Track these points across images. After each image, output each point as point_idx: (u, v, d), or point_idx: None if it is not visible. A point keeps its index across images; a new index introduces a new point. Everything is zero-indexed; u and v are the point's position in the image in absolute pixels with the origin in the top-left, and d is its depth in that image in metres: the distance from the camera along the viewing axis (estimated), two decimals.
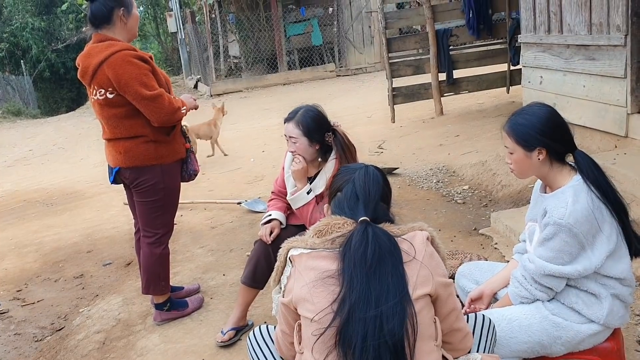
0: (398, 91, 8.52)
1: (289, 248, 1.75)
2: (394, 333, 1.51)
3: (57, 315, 3.91)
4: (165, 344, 3.19)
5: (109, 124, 3.15)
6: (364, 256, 1.58)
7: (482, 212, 4.70)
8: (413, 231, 1.73)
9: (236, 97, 15.06)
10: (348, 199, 1.77)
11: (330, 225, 1.73)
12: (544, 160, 2.14)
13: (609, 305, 2.11)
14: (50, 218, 6.29)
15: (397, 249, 1.63)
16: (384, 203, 1.81)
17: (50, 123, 15.13)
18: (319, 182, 3.01)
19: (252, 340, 2.04)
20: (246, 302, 3.17)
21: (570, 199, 2.05)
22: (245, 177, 6.86)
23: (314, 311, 1.59)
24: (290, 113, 3.01)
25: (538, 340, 2.14)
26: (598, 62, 4.49)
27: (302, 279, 1.65)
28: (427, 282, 1.63)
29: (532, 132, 2.12)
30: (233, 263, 4.16)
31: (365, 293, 1.54)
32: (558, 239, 2.05)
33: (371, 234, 1.62)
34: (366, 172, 1.81)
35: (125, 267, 4.56)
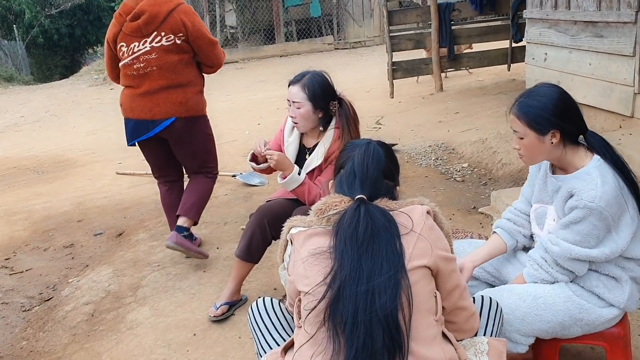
0: (398, 65, 8.37)
1: (291, 227, 1.74)
2: (386, 307, 1.47)
3: (46, 285, 3.82)
4: (156, 317, 3.11)
5: (170, 70, 3.29)
6: (355, 233, 1.57)
7: (482, 191, 4.61)
8: (412, 205, 1.70)
9: (232, 67, 14.82)
10: (347, 177, 1.76)
11: (329, 204, 1.71)
12: (557, 143, 2.04)
13: (630, 289, 2.06)
14: (40, 186, 6.17)
15: (392, 224, 1.60)
16: (387, 180, 1.78)
17: (43, 90, 14.86)
18: (317, 153, 2.91)
19: (254, 312, 1.99)
20: (240, 277, 3.08)
21: (599, 180, 1.95)
22: (241, 149, 6.73)
23: (309, 285, 1.59)
24: (297, 76, 2.89)
25: (560, 321, 2.07)
26: (606, 40, 4.37)
27: (298, 255, 1.65)
28: (425, 254, 1.59)
29: (545, 115, 2.01)
30: (227, 236, 4.07)
31: (356, 269, 1.52)
32: (587, 222, 1.96)
33: (363, 211, 1.61)
34: (367, 148, 1.78)
35: (116, 237, 4.47)
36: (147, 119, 3.31)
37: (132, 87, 3.37)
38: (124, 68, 3.36)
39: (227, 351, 2.74)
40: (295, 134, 3.02)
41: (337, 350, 1.47)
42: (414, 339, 1.49)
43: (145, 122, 3.32)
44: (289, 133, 3.04)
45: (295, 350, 1.58)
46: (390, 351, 1.45)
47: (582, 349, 2.49)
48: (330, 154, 2.88)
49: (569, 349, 2.47)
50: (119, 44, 3.32)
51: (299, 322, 1.63)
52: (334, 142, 2.89)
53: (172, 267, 3.67)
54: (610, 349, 2.16)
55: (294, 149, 3.02)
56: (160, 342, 2.87)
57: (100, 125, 9.42)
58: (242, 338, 2.81)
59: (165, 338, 2.90)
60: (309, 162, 2.95)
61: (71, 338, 3.07)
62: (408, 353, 1.47)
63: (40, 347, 3.07)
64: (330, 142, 2.89)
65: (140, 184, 5.71)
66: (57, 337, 3.10)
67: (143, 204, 5.12)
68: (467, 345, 1.71)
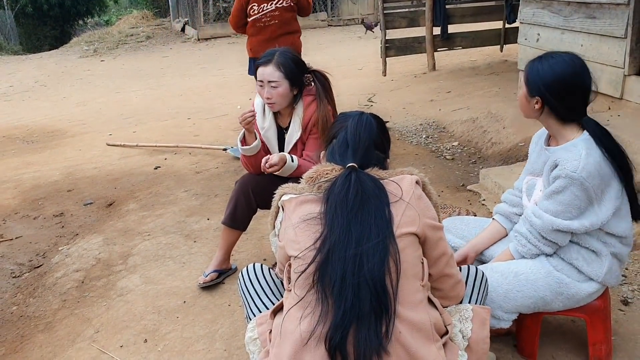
0: (391, 43, 8.36)
1: (282, 194, 1.77)
2: (374, 271, 1.51)
3: (36, 252, 3.84)
4: (146, 284, 3.14)
5: (285, 23, 4.74)
6: (345, 199, 1.60)
7: (471, 169, 4.66)
8: (402, 175, 1.72)
9: (224, 42, 14.73)
10: (339, 146, 1.78)
11: (320, 172, 1.74)
12: (546, 112, 2.08)
13: (609, 264, 2.10)
14: (30, 155, 6.14)
15: (382, 192, 1.63)
16: (379, 151, 1.81)
17: (32, 60, 14.69)
18: (294, 127, 2.89)
19: (244, 277, 2.03)
20: (228, 244, 3.10)
21: (583, 151, 1.99)
22: (232, 123, 6.72)
23: (299, 249, 1.61)
24: (265, 56, 2.81)
25: (542, 296, 2.12)
26: (598, 21, 4.39)
27: (289, 221, 1.67)
28: (413, 222, 1.63)
29: (537, 80, 2.06)
30: (218, 208, 4.08)
31: (346, 234, 1.55)
32: (569, 192, 2.00)
33: (354, 178, 1.64)
34: (359, 119, 1.81)
35: (106, 207, 4.47)
36: None
37: (258, 35, 4.75)
38: (254, 22, 4.73)
39: (216, 318, 2.78)
40: (269, 118, 2.96)
41: (325, 312, 1.50)
42: (400, 303, 1.52)
43: None
44: (261, 119, 2.98)
45: (285, 312, 1.61)
46: (377, 313, 1.48)
47: (563, 321, 2.55)
48: (306, 122, 2.87)
49: (550, 321, 2.53)
50: (251, 4, 4.68)
51: (288, 285, 1.65)
52: (305, 109, 2.87)
53: (163, 236, 3.69)
54: (590, 321, 2.21)
55: (273, 133, 2.98)
56: (150, 309, 2.91)
57: (90, 97, 9.36)
58: (231, 306, 2.85)
59: (155, 305, 2.94)
60: (289, 138, 2.93)
61: (61, 304, 3.09)
62: (394, 315, 1.50)
63: (30, 312, 3.09)
64: (302, 111, 2.87)
65: (130, 156, 5.71)
66: (47, 303, 3.13)
67: (133, 175, 5.12)
68: (452, 312, 1.76)
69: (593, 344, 2.24)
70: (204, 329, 2.71)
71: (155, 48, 14.89)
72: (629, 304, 2.64)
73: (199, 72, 10.93)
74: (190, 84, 9.66)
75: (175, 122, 7.08)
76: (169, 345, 2.63)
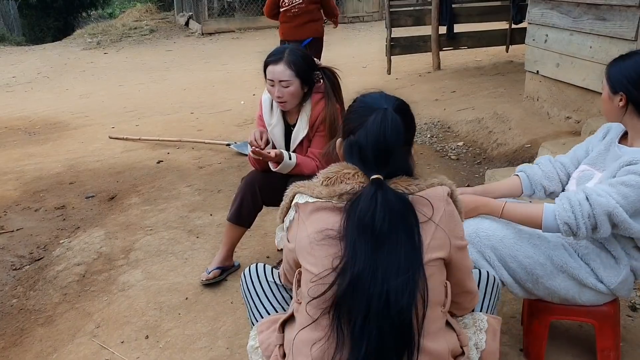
0: (396, 42, 8.31)
1: (295, 192, 1.58)
2: (402, 312, 1.37)
3: (37, 245, 3.80)
4: (148, 280, 3.10)
5: (310, 13, 5.84)
6: (370, 224, 1.40)
7: (476, 170, 4.62)
8: (432, 187, 1.53)
9: (228, 37, 14.67)
10: (360, 150, 1.52)
11: (341, 175, 1.53)
12: (630, 110, 1.99)
13: (625, 275, 2.04)
14: (32, 147, 6.10)
15: (411, 213, 1.44)
16: (405, 151, 1.57)
17: (35, 51, 14.64)
18: (302, 124, 2.86)
19: (247, 278, 1.95)
20: (232, 241, 3.07)
21: None
22: (235, 119, 6.70)
23: (315, 264, 1.47)
24: (274, 54, 2.74)
25: (542, 262, 2.03)
26: (608, 23, 4.34)
27: (304, 229, 1.51)
28: (443, 245, 1.49)
29: (620, 75, 1.99)
30: (221, 204, 4.05)
31: (371, 266, 1.38)
32: (637, 190, 1.88)
33: (380, 199, 1.42)
34: (384, 117, 1.49)
35: (108, 201, 4.44)
36: (297, 40, 5.67)
37: (289, 22, 5.85)
38: (285, 12, 5.84)
39: (218, 315, 2.74)
40: (277, 115, 2.91)
41: (341, 344, 1.39)
42: (423, 335, 1.43)
43: (297, 42, 5.55)
44: (269, 116, 2.93)
45: (296, 330, 1.52)
46: (400, 348, 1.39)
47: (570, 325, 2.52)
48: (313, 120, 2.83)
49: (557, 326, 2.50)
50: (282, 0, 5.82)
51: (297, 296, 1.55)
52: (314, 107, 2.83)
53: (165, 231, 3.66)
54: (599, 327, 2.17)
55: (280, 130, 2.93)
56: (152, 305, 2.87)
57: (93, 89, 9.32)
58: (234, 303, 2.82)
59: (157, 301, 2.91)
60: (295, 135, 2.90)
61: (62, 297, 3.06)
62: (419, 352, 1.41)
63: (30, 305, 3.06)
64: (310, 108, 2.83)
65: (133, 149, 5.67)
66: (48, 296, 3.10)
67: (136, 168, 5.09)
68: (468, 324, 1.69)
69: (602, 351, 2.20)
70: (206, 327, 2.68)
71: (159, 42, 14.84)
72: (637, 309, 2.61)
73: (203, 66, 10.88)
74: (194, 79, 9.61)
75: (178, 116, 7.04)
76: (170, 342, 2.60)
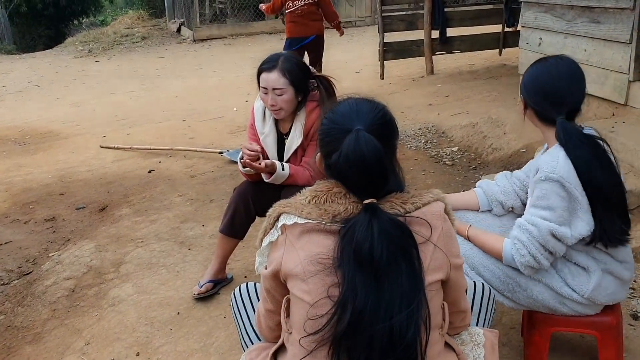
0: (389, 47, 8.27)
1: (280, 212, 1.46)
2: (408, 347, 1.30)
3: (25, 258, 3.73)
4: (139, 294, 3.03)
5: (312, 13, 6.80)
6: (368, 256, 1.31)
7: (472, 175, 4.57)
8: (428, 204, 1.45)
9: (220, 43, 14.62)
10: (341, 173, 1.42)
11: (331, 194, 1.43)
12: (529, 114, 2.09)
13: (597, 281, 1.99)
14: (22, 157, 6.02)
15: (409, 238, 1.36)
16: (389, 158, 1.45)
17: (26, 60, 14.55)
18: (295, 133, 2.78)
19: (237, 298, 1.86)
20: (225, 253, 3.01)
21: (561, 153, 1.93)
22: (228, 126, 6.64)
23: (308, 292, 1.38)
24: (268, 61, 2.66)
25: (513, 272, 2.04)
26: (602, 26, 4.31)
27: (295, 253, 1.40)
28: (442, 266, 1.43)
29: (523, 80, 2.11)
30: (213, 214, 3.99)
31: (373, 301, 1.30)
32: (553, 194, 1.90)
33: (377, 228, 1.33)
34: (357, 141, 1.38)
35: (99, 212, 4.36)
36: (302, 37, 6.78)
37: (294, 22, 6.80)
38: (290, 13, 6.80)
39: (211, 330, 2.68)
40: (269, 124, 2.84)
41: None
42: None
43: (302, 38, 6.79)
44: (261, 124, 2.86)
45: None
46: None
47: (571, 337, 2.46)
48: (308, 129, 2.76)
49: (558, 337, 2.44)
50: (287, 1, 6.74)
51: (287, 326, 1.48)
52: (308, 115, 2.75)
53: (156, 243, 3.59)
54: (601, 338, 2.12)
55: (272, 139, 2.86)
56: (143, 320, 2.80)
57: (84, 97, 9.24)
58: (227, 318, 2.75)
59: (148, 316, 2.83)
60: (289, 144, 2.82)
61: (51, 313, 2.99)
62: None
63: (18, 322, 2.98)
64: (304, 117, 2.75)
65: (124, 159, 5.60)
66: (37, 312, 3.02)
67: (127, 178, 5.02)
68: (465, 340, 1.63)
69: None
70: (198, 342, 2.61)
71: (151, 49, 14.78)
72: (639, 318, 2.55)
73: (195, 73, 10.81)
74: (186, 86, 9.55)
75: (170, 124, 6.97)
76: (162, 359, 2.52)
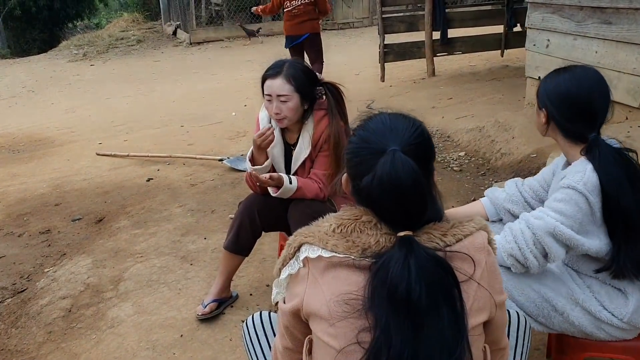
0: (390, 48, 8.14)
1: (302, 243, 1.31)
2: None
3: (20, 274, 3.56)
4: (139, 314, 2.87)
5: (308, 13, 6.87)
6: (404, 299, 1.16)
7: (481, 181, 4.43)
8: (470, 235, 1.29)
9: (217, 46, 14.47)
10: (374, 200, 1.26)
11: (359, 223, 1.28)
12: (552, 127, 1.93)
13: (636, 303, 1.85)
14: (16, 166, 5.86)
15: (450, 277, 1.21)
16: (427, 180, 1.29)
17: (20, 64, 14.37)
18: (303, 143, 2.65)
19: (250, 329, 1.70)
20: (229, 271, 2.85)
21: (589, 166, 1.80)
22: (227, 131, 6.49)
23: (335, 337, 1.23)
24: (273, 67, 2.55)
25: (550, 296, 1.90)
26: (615, 27, 4.18)
27: (319, 290, 1.26)
28: (485, 306, 1.29)
29: (544, 91, 1.94)
30: (215, 226, 3.83)
31: (410, 350, 1.16)
32: (572, 202, 1.78)
33: (414, 266, 1.17)
34: (393, 164, 1.21)
35: (96, 223, 4.21)
36: (297, 35, 6.91)
37: (291, 21, 6.90)
38: (287, 12, 6.92)
39: (217, 355, 2.52)
40: (276, 134, 2.69)
41: None
42: None
43: (298, 36, 6.92)
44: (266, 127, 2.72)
45: None
46: None
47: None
48: (316, 139, 2.62)
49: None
50: (285, 1, 6.88)
51: None
52: (316, 125, 2.62)
53: (157, 258, 3.44)
54: None
55: (279, 150, 2.73)
56: (144, 344, 2.64)
57: (79, 103, 9.08)
58: (233, 340, 2.60)
59: (150, 339, 2.67)
60: (296, 155, 2.69)
61: (46, 336, 2.82)
62: None
63: (12, 345, 2.82)
64: (312, 126, 2.62)
65: (121, 166, 5.44)
66: (31, 335, 2.86)
67: (124, 187, 4.86)
68: None
69: None
70: None
71: (147, 52, 14.61)
72: None
73: (192, 77, 10.66)
74: (183, 90, 9.40)
75: (168, 129, 6.82)
76: None
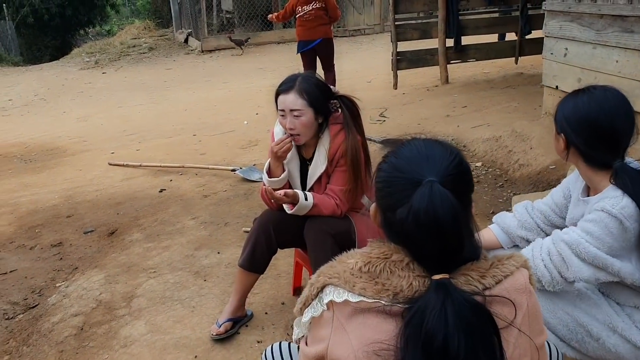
0: (402, 56, 8.07)
1: (326, 283, 1.22)
2: None
3: (31, 289, 3.52)
4: (153, 334, 2.81)
5: (319, 17, 7.04)
6: (441, 350, 1.09)
7: (499, 194, 4.34)
8: (511, 275, 1.21)
9: (228, 54, 14.47)
10: (407, 235, 1.17)
11: (389, 263, 1.19)
12: (573, 153, 1.83)
13: None
14: (28, 176, 5.84)
15: (490, 324, 1.14)
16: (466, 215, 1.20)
17: (32, 72, 14.44)
18: (319, 158, 2.58)
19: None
20: (244, 289, 2.79)
21: (619, 191, 1.72)
22: (239, 141, 6.44)
23: None
24: (286, 82, 2.52)
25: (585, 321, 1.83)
26: (637, 35, 4.08)
27: (345, 338, 1.18)
28: (526, 353, 1.21)
29: (562, 115, 1.84)
30: (229, 239, 3.77)
31: None
32: (602, 225, 1.69)
33: (452, 314, 1.09)
34: (431, 197, 1.13)
35: (108, 236, 4.16)
36: (310, 40, 7.09)
37: (303, 26, 7.11)
38: (299, 17, 7.10)
39: None
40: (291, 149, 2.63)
41: None
42: None
43: (309, 41, 7.10)
44: None
45: None
46: None
47: None
48: (333, 154, 2.56)
49: None
50: (297, 7, 7.08)
51: None
52: (332, 139, 2.56)
53: (170, 274, 3.37)
54: None
55: (295, 166, 2.67)
56: None
57: (91, 111, 9.08)
58: None
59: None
60: (312, 171, 2.63)
61: (58, 355, 2.76)
62: None
63: None
64: (328, 141, 2.56)
65: (134, 177, 5.40)
66: (42, 354, 2.80)
67: (137, 199, 4.81)
68: None
69: None
70: None
71: (158, 60, 14.64)
72: None
73: (204, 85, 10.64)
74: (195, 98, 9.37)
75: (180, 139, 6.78)
76: None
